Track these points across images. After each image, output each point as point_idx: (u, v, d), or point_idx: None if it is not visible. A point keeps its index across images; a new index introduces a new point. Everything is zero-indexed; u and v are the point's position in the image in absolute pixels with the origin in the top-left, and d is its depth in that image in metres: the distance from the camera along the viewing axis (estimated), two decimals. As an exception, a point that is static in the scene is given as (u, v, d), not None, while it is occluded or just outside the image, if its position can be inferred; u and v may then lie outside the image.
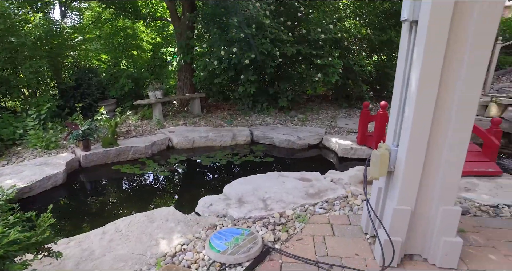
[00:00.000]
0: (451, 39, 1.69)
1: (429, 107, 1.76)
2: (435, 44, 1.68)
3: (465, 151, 1.82)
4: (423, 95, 1.75)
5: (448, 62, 1.72)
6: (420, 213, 1.95)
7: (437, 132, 1.81)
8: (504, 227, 2.43)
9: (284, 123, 6.17)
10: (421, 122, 1.78)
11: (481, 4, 1.61)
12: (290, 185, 3.21)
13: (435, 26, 1.65)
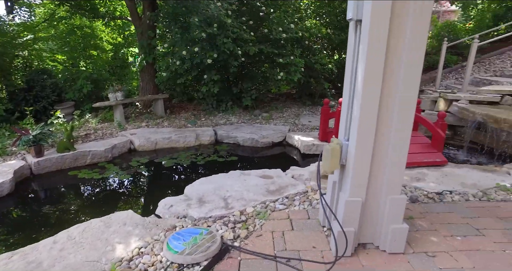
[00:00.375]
0: (391, 38, 1.79)
1: (374, 103, 1.85)
2: (376, 43, 1.77)
3: (407, 146, 1.93)
4: (368, 91, 1.84)
5: (390, 61, 1.82)
6: (371, 203, 2.05)
7: (383, 128, 1.91)
8: (445, 211, 2.62)
9: (249, 122, 6.21)
10: (368, 118, 1.87)
11: (415, 4, 1.73)
12: (252, 182, 3.24)
13: (376, 26, 1.74)
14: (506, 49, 8.25)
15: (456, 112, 5.11)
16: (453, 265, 1.99)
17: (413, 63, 1.81)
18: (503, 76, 6.73)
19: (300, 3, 7.43)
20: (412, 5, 1.73)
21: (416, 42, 1.78)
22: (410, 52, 1.79)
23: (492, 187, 3.13)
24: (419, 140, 4.17)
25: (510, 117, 4.15)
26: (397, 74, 1.84)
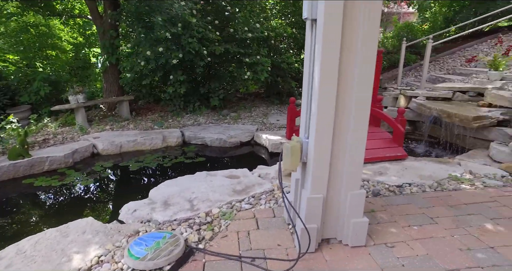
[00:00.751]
0: (344, 37, 1.83)
1: (331, 101, 1.89)
2: (331, 42, 1.81)
3: (364, 143, 1.99)
4: (325, 90, 1.87)
5: (345, 60, 1.87)
6: (332, 199, 2.10)
7: (341, 126, 1.96)
8: (404, 203, 2.75)
9: (217, 122, 6.15)
10: (325, 116, 1.91)
11: (365, 5, 1.79)
12: (218, 183, 3.21)
13: (330, 25, 1.78)
14: (456, 49, 8.80)
15: (415, 108, 5.37)
16: (409, 253, 2.08)
17: (367, 62, 1.87)
18: (455, 74, 7.17)
19: (266, 3, 7.47)
20: (362, 6, 1.79)
21: (368, 41, 1.84)
22: (363, 52, 1.85)
23: (445, 177, 3.32)
24: (381, 136, 4.34)
25: (460, 112, 4.43)
26: (352, 73, 1.89)
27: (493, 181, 3.24)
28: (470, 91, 5.44)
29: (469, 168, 3.59)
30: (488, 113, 4.39)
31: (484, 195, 2.92)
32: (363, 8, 1.79)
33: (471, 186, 3.13)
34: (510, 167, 3.45)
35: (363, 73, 1.88)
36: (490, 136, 4.32)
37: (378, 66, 4.71)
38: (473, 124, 4.29)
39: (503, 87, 5.16)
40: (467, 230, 2.35)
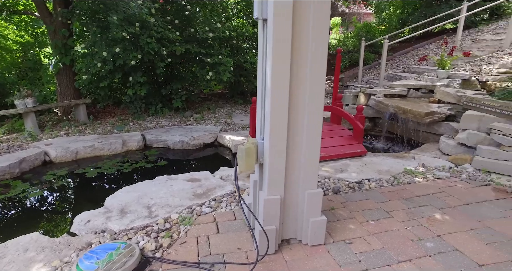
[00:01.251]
0: (295, 37, 1.83)
1: (283, 101, 1.88)
2: (281, 41, 1.80)
3: (318, 142, 2.01)
4: (277, 90, 1.86)
5: (296, 60, 1.87)
6: (290, 199, 2.09)
7: (295, 126, 1.96)
8: (363, 199, 2.83)
9: (180, 124, 6.00)
10: (279, 116, 1.90)
11: (314, 5, 1.80)
12: (178, 187, 3.12)
13: (280, 25, 1.77)
14: (410, 48, 9.29)
15: (374, 105, 5.58)
16: (366, 248, 2.14)
17: (318, 62, 1.88)
18: (410, 72, 7.55)
19: (227, 3, 7.41)
20: (312, 6, 1.79)
21: (319, 41, 1.85)
22: (315, 51, 1.86)
23: (401, 171, 3.47)
24: (342, 133, 4.45)
25: (413, 109, 4.66)
26: (304, 72, 1.90)
27: (442, 172, 3.43)
28: (423, 89, 5.75)
29: (422, 161, 3.78)
30: (438, 109, 4.65)
31: (434, 186, 3.08)
32: (312, 7, 1.80)
33: (424, 178, 3.30)
34: (456, 158, 3.67)
35: (315, 72, 1.89)
36: (440, 130, 4.59)
37: (338, 65, 4.83)
38: (425, 119, 4.52)
39: (449, 85, 5.51)
40: (418, 221, 2.46)
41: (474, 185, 3.14)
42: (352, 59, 9.28)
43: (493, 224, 2.42)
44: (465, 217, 2.52)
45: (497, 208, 2.68)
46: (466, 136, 3.76)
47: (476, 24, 9.36)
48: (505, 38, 6.83)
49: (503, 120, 3.58)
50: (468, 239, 2.24)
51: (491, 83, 5.36)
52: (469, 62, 6.65)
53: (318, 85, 1.91)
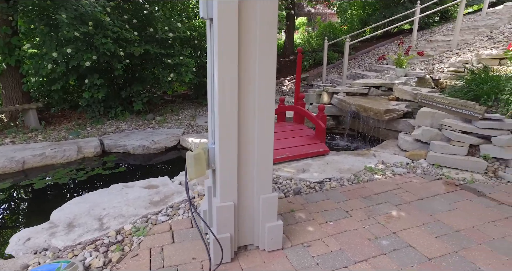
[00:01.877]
0: (242, 37, 1.76)
1: (232, 103, 1.81)
2: (227, 42, 1.72)
3: (271, 146, 1.95)
4: (225, 92, 1.78)
5: (244, 60, 1.80)
6: (244, 205, 2.03)
7: (246, 129, 1.89)
8: (323, 199, 2.83)
9: (141, 127, 5.76)
10: (228, 119, 1.82)
11: (261, 4, 1.74)
12: (134, 195, 2.95)
13: (225, 24, 1.69)
14: (371, 48, 9.61)
15: (337, 103, 5.67)
16: (324, 250, 2.12)
17: (267, 62, 1.83)
18: (371, 70, 7.79)
19: (188, 2, 7.23)
20: (258, 6, 1.73)
21: (266, 40, 1.79)
22: (263, 52, 1.80)
23: (362, 169, 3.53)
24: (305, 133, 4.46)
25: (374, 106, 4.78)
26: (253, 73, 1.84)
27: (400, 168, 3.53)
28: (382, 87, 5.93)
29: (382, 158, 3.87)
30: (396, 107, 4.81)
31: (392, 183, 3.15)
32: (259, 7, 1.74)
33: (383, 175, 3.37)
34: (413, 154, 3.80)
35: (264, 73, 1.83)
36: (399, 127, 4.74)
37: (299, 65, 4.84)
38: (384, 117, 4.65)
39: (406, 83, 5.73)
40: (376, 219, 2.49)
41: (428, 179, 3.26)
42: (317, 58, 9.42)
43: (443, 217, 2.51)
44: (418, 212, 2.59)
45: (447, 201, 2.79)
46: (421, 132, 3.90)
47: (429, 26, 9.87)
48: (453, 39, 7.24)
49: (452, 116, 3.75)
50: (420, 234, 2.29)
51: (443, 81, 5.63)
52: (423, 61, 6.97)
53: (268, 87, 1.86)
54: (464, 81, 4.54)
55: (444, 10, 9.78)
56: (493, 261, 2.02)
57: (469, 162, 3.42)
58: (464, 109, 3.60)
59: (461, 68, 5.68)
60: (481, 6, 9.54)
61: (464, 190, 3.01)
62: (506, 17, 7.99)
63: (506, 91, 4.10)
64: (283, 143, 4.06)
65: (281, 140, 4.15)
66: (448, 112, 3.78)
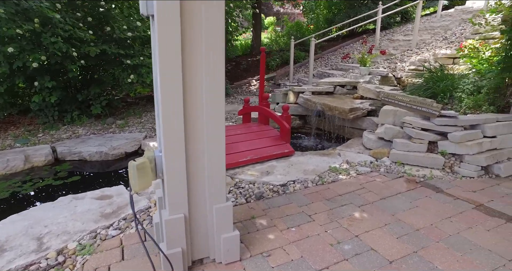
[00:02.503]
0: (185, 36, 1.61)
1: (177, 107, 1.65)
2: (169, 40, 1.57)
3: (223, 152, 1.82)
4: (168, 95, 1.63)
5: (188, 61, 1.65)
6: (196, 217, 1.88)
7: (194, 134, 1.75)
8: (286, 203, 2.73)
9: (100, 132, 5.42)
10: (174, 124, 1.66)
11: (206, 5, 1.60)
12: (84, 208, 2.70)
13: (166, 21, 1.54)
14: (337, 47, 9.75)
15: (302, 103, 5.63)
16: (284, 260, 2.02)
17: (215, 63, 1.69)
18: (337, 69, 7.88)
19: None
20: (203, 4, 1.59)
21: (213, 40, 1.65)
22: (210, 52, 1.66)
23: (326, 170, 3.48)
24: (269, 134, 4.37)
25: (339, 105, 4.79)
26: (200, 74, 1.69)
27: (364, 168, 3.53)
28: (347, 85, 5.97)
29: (347, 157, 3.86)
30: (360, 105, 4.85)
31: (355, 183, 3.13)
32: (204, 5, 1.59)
33: (347, 175, 3.34)
34: (376, 153, 3.82)
35: (211, 75, 1.69)
36: (363, 125, 4.78)
37: (262, 65, 4.74)
38: (349, 115, 4.67)
39: (370, 81, 5.81)
40: (339, 222, 2.43)
41: (391, 178, 3.27)
42: (284, 57, 9.41)
43: (404, 217, 2.50)
44: (381, 213, 2.57)
45: (408, 199, 2.80)
46: (384, 130, 3.93)
47: (391, 26, 10.18)
48: (412, 39, 7.48)
49: (413, 114, 3.81)
50: (382, 235, 2.26)
51: (404, 79, 5.77)
52: (386, 60, 7.14)
53: (216, 89, 1.72)
54: (423, 80, 4.66)
55: (404, 11, 10.13)
56: (449, 258, 2.02)
57: (428, 158, 3.47)
58: (423, 107, 3.66)
59: (420, 67, 5.85)
60: (436, 9, 9.98)
61: (424, 187, 3.05)
62: (457, 19, 8.41)
63: (459, 89, 4.24)
64: (247, 144, 3.94)
65: (245, 141, 4.03)
66: (409, 110, 3.84)
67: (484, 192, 2.98)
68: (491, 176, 3.40)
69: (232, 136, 4.18)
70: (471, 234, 2.30)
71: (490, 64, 4.37)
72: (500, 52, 4.24)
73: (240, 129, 4.43)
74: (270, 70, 9.25)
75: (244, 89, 8.66)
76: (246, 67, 9.56)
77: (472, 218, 2.52)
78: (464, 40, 6.46)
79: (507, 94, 4.11)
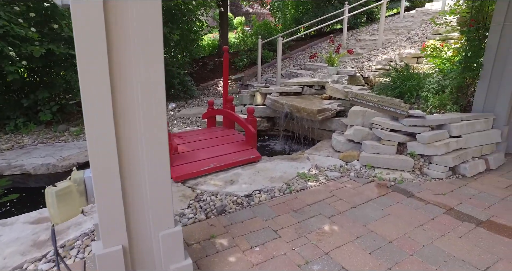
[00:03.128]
0: (111, 33, 1.32)
1: (105, 117, 1.36)
2: (90, 32, 1.27)
3: (167, 169, 1.54)
4: (93, 100, 1.33)
5: (118, 63, 1.36)
6: (139, 247, 1.58)
7: (129, 147, 1.45)
8: (250, 218, 2.49)
9: (50, 141, 4.90)
10: (101, 137, 1.37)
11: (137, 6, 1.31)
12: (12, 236, 2.30)
13: (83, 13, 1.24)
14: (306, 46, 9.68)
15: (270, 104, 5.42)
16: (246, 288, 1.77)
17: (152, 66, 1.41)
18: (305, 69, 7.77)
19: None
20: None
21: (148, 30, 1.37)
22: (146, 53, 1.38)
23: (294, 176, 3.28)
24: (235, 138, 4.11)
25: (307, 106, 4.62)
26: (135, 78, 1.40)
27: (334, 172, 3.36)
28: (316, 85, 5.85)
29: (316, 161, 3.69)
30: (329, 106, 4.71)
31: (325, 190, 2.94)
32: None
33: (316, 182, 3.16)
34: (346, 156, 3.68)
35: (148, 78, 1.41)
36: (332, 126, 4.65)
37: (225, 65, 4.47)
38: (318, 117, 4.51)
39: (338, 81, 5.72)
40: (307, 237, 2.22)
41: (361, 183, 3.12)
42: (252, 57, 9.18)
43: (376, 227, 2.34)
44: (352, 224, 2.39)
45: (380, 206, 2.66)
46: (353, 132, 3.80)
47: (358, 26, 10.29)
48: (378, 39, 7.54)
49: (381, 114, 3.71)
50: (354, 251, 2.07)
51: (372, 79, 5.74)
52: (354, 59, 7.12)
53: (155, 95, 1.44)
54: (390, 79, 4.61)
55: (370, 11, 10.27)
56: (426, 274, 1.87)
57: (398, 160, 3.37)
58: (391, 107, 3.56)
59: (387, 66, 5.85)
60: (399, 10, 10.22)
61: (395, 192, 2.93)
62: (418, 20, 8.64)
63: (425, 88, 4.22)
64: (210, 151, 3.66)
65: (209, 148, 3.74)
66: (377, 111, 3.73)
67: (453, 194, 2.91)
68: (458, 176, 3.36)
69: (194, 142, 3.87)
70: (444, 243, 2.18)
71: (451, 64, 4.40)
72: (461, 52, 4.28)
73: (203, 134, 4.14)
74: (238, 70, 8.99)
75: (211, 90, 8.33)
76: (213, 68, 9.24)
77: (444, 224, 2.41)
78: (426, 40, 6.58)
79: (468, 93, 4.14)
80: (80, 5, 1.21)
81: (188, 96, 7.56)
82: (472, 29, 3.93)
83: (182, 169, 3.28)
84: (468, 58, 3.88)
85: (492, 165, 3.58)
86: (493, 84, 3.78)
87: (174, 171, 3.23)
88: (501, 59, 3.67)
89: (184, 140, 3.92)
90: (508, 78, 3.67)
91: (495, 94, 3.79)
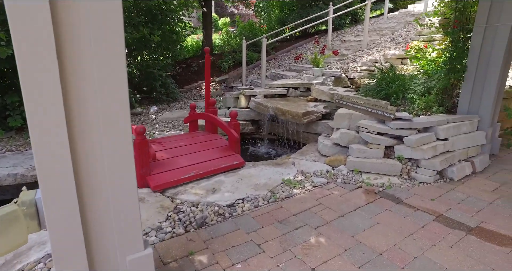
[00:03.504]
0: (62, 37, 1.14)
1: (57, 128, 1.17)
2: (33, 32, 1.09)
3: (133, 180, 1.36)
4: (42, 103, 1.14)
5: (72, 72, 1.18)
6: (104, 272, 1.40)
7: (87, 161, 1.27)
8: (232, 230, 2.33)
9: (20, 148, 4.60)
10: (54, 153, 1.18)
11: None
12: (-35, 260, 2.06)
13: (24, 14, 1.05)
14: (291, 47, 9.59)
15: (254, 107, 5.27)
16: (226, 313, 1.61)
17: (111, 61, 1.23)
18: (290, 70, 7.66)
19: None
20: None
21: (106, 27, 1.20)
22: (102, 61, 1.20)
23: (279, 183, 3.14)
24: (217, 143, 3.93)
25: (292, 109, 4.50)
26: (90, 86, 1.22)
27: (320, 178, 3.24)
28: (301, 87, 5.73)
29: (301, 167, 3.56)
30: (314, 108, 4.60)
31: (311, 198, 2.81)
32: None
33: (302, 189, 3.03)
34: (332, 160, 3.56)
35: (109, 77, 1.24)
36: (318, 129, 4.54)
37: (207, 67, 4.30)
38: (303, 120, 4.39)
39: (324, 82, 5.63)
40: (293, 252, 2.08)
41: (348, 189, 3.01)
42: (237, 59, 9.02)
43: (365, 238, 2.22)
44: (340, 235, 2.26)
45: (368, 214, 2.54)
46: (339, 136, 3.69)
47: (342, 27, 10.28)
48: (363, 40, 7.52)
49: (368, 117, 3.62)
50: (342, 266, 1.94)
51: (358, 80, 5.67)
52: (339, 61, 7.06)
53: (115, 102, 1.27)
54: (376, 81, 4.54)
55: (354, 12, 10.29)
56: (419, 290, 1.76)
57: (385, 165, 3.28)
58: (378, 109, 3.47)
59: (372, 67, 5.80)
60: (382, 11, 10.27)
61: (383, 198, 2.82)
62: (402, 22, 8.69)
63: (411, 90, 4.17)
64: (191, 158, 3.47)
65: (190, 154, 3.56)
66: (364, 113, 3.64)
67: (441, 200, 2.83)
68: (445, 180, 3.30)
69: (175, 148, 3.68)
70: (435, 253, 2.07)
71: (436, 65, 4.37)
72: (445, 54, 4.25)
73: (184, 140, 3.94)
74: (222, 72, 8.81)
75: (195, 93, 8.12)
76: (197, 70, 9.02)
77: (434, 232, 2.32)
78: (410, 41, 6.58)
79: (453, 95, 4.11)
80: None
81: (170, 99, 7.33)
82: (456, 30, 3.90)
83: (161, 178, 3.08)
84: (453, 60, 3.85)
85: (478, 168, 3.54)
86: (477, 86, 3.75)
87: (152, 179, 3.04)
88: (484, 61, 3.65)
89: (164, 146, 3.71)
90: (491, 79, 3.64)
91: (479, 96, 3.76)
